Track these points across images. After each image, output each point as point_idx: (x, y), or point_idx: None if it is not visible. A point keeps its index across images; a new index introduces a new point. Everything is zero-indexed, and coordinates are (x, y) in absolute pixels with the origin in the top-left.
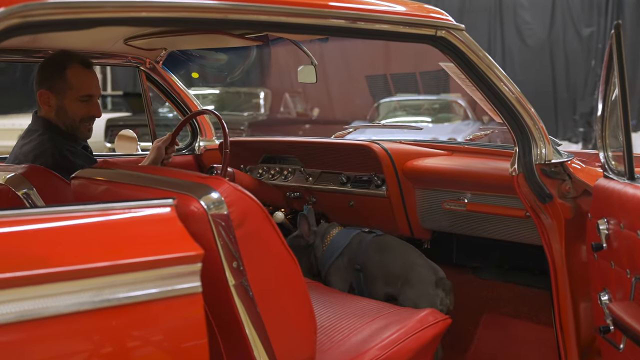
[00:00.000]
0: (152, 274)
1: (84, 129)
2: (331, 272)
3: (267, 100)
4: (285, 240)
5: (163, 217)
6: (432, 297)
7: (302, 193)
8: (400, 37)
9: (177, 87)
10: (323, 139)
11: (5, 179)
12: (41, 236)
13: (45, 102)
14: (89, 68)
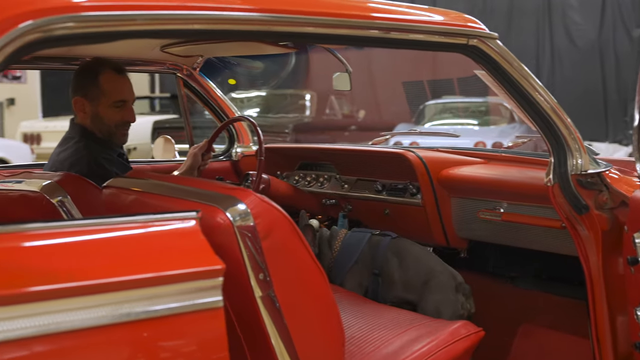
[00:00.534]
0: (173, 288)
1: (120, 134)
2: (348, 278)
3: (313, 103)
4: (309, 247)
5: (186, 231)
6: (453, 302)
7: (337, 200)
8: (432, 47)
9: (214, 94)
10: (358, 146)
11: (40, 186)
12: (60, 250)
13: (80, 109)
14: (121, 74)
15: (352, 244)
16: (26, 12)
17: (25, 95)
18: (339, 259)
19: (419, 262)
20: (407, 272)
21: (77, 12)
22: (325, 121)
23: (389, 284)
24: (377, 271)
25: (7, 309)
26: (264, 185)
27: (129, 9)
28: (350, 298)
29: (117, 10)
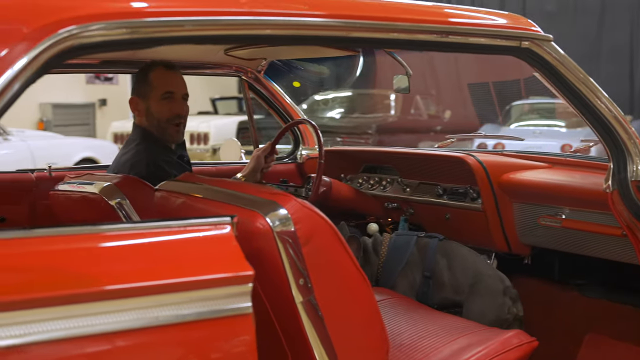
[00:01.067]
0: (202, 293)
1: (172, 130)
2: (399, 281)
3: (397, 102)
4: (352, 253)
5: (219, 236)
6: (499, 305)
7: (399, 204)
8: (483, 50)
9: (279, 96)
10: (420, 150)
11: (99, 188)
12: (91, 254)
13: (135, 108)
14: (171, 69)
15: (399, 247)
16: (66, 18)
17: (116, 96)
18: (388, 263)
19: (467, 264)
20: (456, 273)
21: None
22: (410, 121)
23: (439, 286)
24: (428, 273)
25: (33, 312)
26: (325, 189)
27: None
28: (403, 302)
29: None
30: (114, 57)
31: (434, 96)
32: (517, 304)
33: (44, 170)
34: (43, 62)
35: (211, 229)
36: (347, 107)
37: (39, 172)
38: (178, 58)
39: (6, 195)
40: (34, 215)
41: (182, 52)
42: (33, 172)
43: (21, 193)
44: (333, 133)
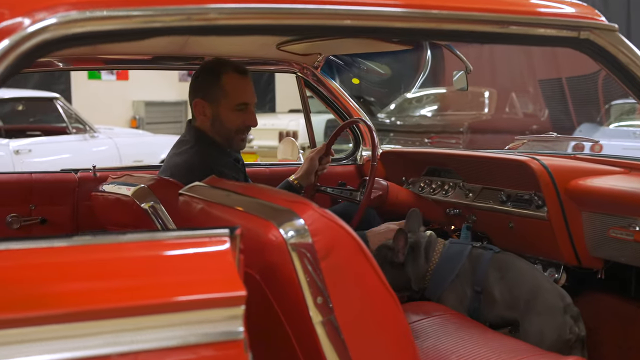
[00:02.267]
0: (185, 316)
1: (239, 139)
2: (447, 296)
3: (492, 100)
4: (380, 270)
5: (212, 251)
6: (560, 324)
7: (462, 210)
8: (538, 41)
9: (337, 93)
10: (483, 152)
11: (132, 191)
12: (60, 271)
13: (200, 112)
14: (244, 75)
15: (451, 257)
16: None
17: None
18: (437, 272)
19: (523, 278)
20: (510, 288)
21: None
22: (504, 120)
23: (491, 302)
24: (478, 288)
25: None
26: (381, 193)
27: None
28: (455, 320)
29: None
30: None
31: (531, 94)
32: (579, 323)
33: (88, 171)
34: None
35: (205, 243)
36: (440, 105)
37: (83, 172)
38: (229, 53)
39: (49, 196)
40: (76, 217)
41: (234, 47)
42: (77, 172)
43: (64, 194)
44: (422, 133)
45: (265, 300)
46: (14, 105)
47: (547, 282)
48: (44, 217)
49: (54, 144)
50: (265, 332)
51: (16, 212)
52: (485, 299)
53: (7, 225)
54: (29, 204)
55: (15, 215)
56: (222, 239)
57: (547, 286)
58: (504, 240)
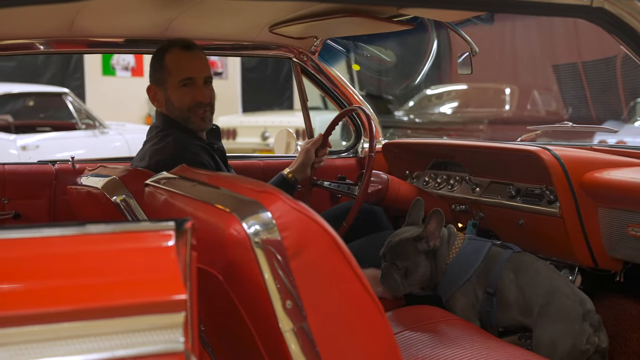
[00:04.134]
0: (114, 324)
1: (196, 118)
2: (459, 297)
3: (513, 97)
4: (360, 269)
5: (151, 248)
6: (577, 333)
7: (468, 206)
8: (549, 10)
9: (335, 81)
10: (490, 143)
11: (102, 184)
12: None
13: (153, 98)
14: (188, 49)
15: (468, 255)
16: None
17: (226, 91)
18: (452, 269)
19: (539, 280)
20: (524, 291)
21: None
22: (525, 117)
23: (505, 306)
24: (491, 290)
25: None
26: (380, 187)
27: None
28: (458, 326)
29: None
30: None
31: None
32: (599, 332)
33: (67, 162)
34: None
35: (144, 238)
36: (461, 101)
37: (61, 164)
38: (214, 36)
39: (24, 188)
40: (53, 212)
41: (219, 29)
42: (54, 163)
43: (40, 187)
44: (440, 130)
45: (230, 303)
46: (23, 101)
47: (566, 285)
48: (17, 212)
49: (62, 139)
50: (231, 335)
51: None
52: (499, 303)
53: None
54: (1, 198)
55: None
56: (167, 234)
57: (566, 290)
58: (513, 239)
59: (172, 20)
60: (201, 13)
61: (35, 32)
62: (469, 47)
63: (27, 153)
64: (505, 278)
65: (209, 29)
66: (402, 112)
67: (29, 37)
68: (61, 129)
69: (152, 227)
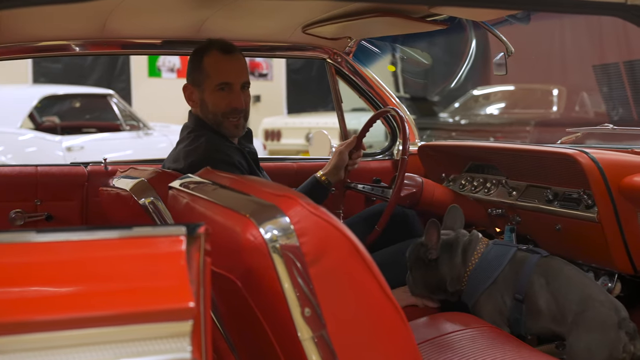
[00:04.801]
0: (115, 333)
1: (229, 124)
2: (482, 302)
3: (560, 98)
4: (381, 275)
5: (161, 254)
6: (613, 342)
7: (505, 210)
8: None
9: (371, 82)
10: (527, 145)
11: (130, 186)
12: None
13: (189, 97)
14: (228, 53)
15: (491, 260)
16: None
17: (271, 93)
18: (475, 275)
19: (572, 286)
20: (556, 298)
21: None
22: (573, 119)
23: (535, 313)
24: (519, 296)
25: None
26: (414, 190)
27: None
28: (490, 334)
29: None
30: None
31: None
32: (635, 341)
33: (100, 164)
34: None
35: (154, 243)
36: (507, 102)
37: (93, 166)
38: (247, 37)
39: (56, 190)
40: (85, 214)
41: (252, 30)
42: (87, 165)
43: (72, 188)
44: (486, 132)
45: (249, 309)
46: (70, 102)
47: (600, 292)
48: (50, 214)
49: (106, 141)
50: (252, 339)
51: (20, 208)
52: (529, 309)
53: (10, 222)
54: (34, 199)
55: (19, 211)
56: (178, 239)
57: (600, 297)
58: (550, 244)
59: (204, 21)
60: (233, 13)
61: (69, 33)
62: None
63: (72, 154)
64: (535, 284)
65: (241, 30)
66: (447, 114)
67: (63, 38)
68: (106, 130)
69: (162, 232)
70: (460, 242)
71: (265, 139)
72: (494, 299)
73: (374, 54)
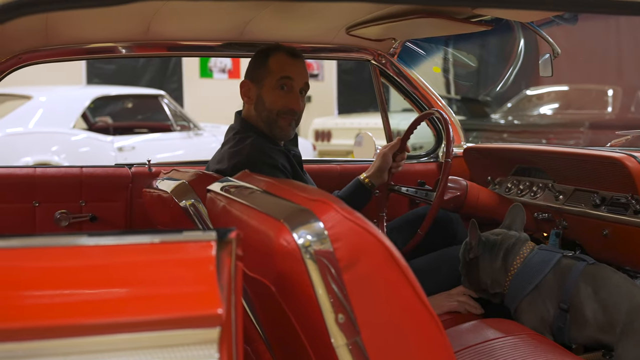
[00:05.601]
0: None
1: (283, 123)
2: (524, 309)
3: (615, 99)
4: (417, 281)
5: (190, 260)
6: None
7: (551, 215)
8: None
9: (416, 84)
10: (574, 149)
11: (171, 187)
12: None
13: (245, 93)
14: (295, 57)
15: (534, 265)
16: None
17: (322, 93)
18: (516, 280)
19: (621, 295)
20: (604, 308)
21: None
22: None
23: (581, 322)
24: (564, 305)
25: None
26: (459, 193)
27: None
28: (532, 341)
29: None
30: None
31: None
32: None
33: (143, 165)
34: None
35: (183, 249)
36: (561, 103)
37: (137, 167)
38: (290, 39)
39: (101, 191)
40: (129, 215)
41: (295, 31)
42: (131, 167)
43: (117, 190)
44: (538, 133)
45: (283, 314)
46: (122, 103)
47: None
48: (94, 215)
49: (157, 141)
50: (287, 344)
51: (65, 209)
52: (574, 318)
53: (56, 223)
54: (79, 200)
55: (64, 212)
56: (208, 244)
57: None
58: (597, 250)
59: (247, 23)
60: (276, 15)
61: (115, 36)
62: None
63: (123, 154)
64: (581, 292)
65: (285, 31)
66: (498, 115)
67: (110, 40)
68: (157, 130)
69: (192, 238)
70: (503, 245)
71: (315, 140)
72: (536, 305)
73: (419, 55)
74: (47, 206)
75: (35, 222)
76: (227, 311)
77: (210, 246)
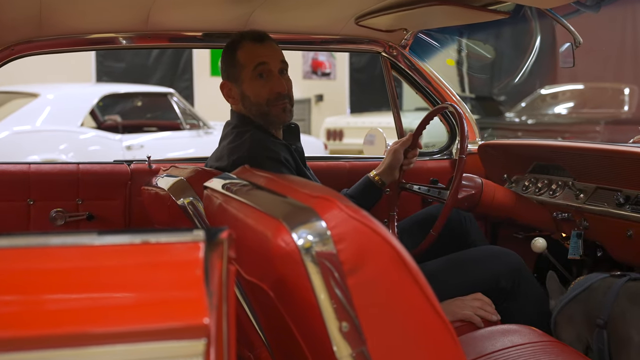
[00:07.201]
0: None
1: (276, 110)
2: (559, 322)
3: (632, 97)
4: (428, 286)
5: (174, 263)
6: None
7: (572, 214)
8: None
9: (429, 77)
10: (596, 144)
11: (169, 185)
12: None
13: (228, 95)
14: (260, 41)
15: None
16: None
17: (333, 92)
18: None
19: None
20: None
21: None
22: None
23: (621, 341)
24: (601, 321)
25: None
26: (473, 192)
27: None
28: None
29: None
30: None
31: None
32: None
33: (143, 162)
34: None
35: (167, 251)
36: (576, 101)
37: (137, 164)
38: (297, 29)
39: (99, 189)
40: (128, 214)
41: (302, 22)
42: (130, 163)
43: (115, 187)
44: (553, 132)
45: (283, 322)
46: (131, 101)
47: None
48: (91, 213)
49: (166, 139)
50: (288, 352)
51: (62, 207)
52: (612, 336)
53: (51, 221)
54: (75, 198)
55: (60, 210)
56: (196, 245)
57: None
58: (621, 252)
59: (250, 14)
60: (281, 5)
61: (114, 26)
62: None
63: (131, 153)
64: (620, 306)
65: (291, 22)
66: (513, 113)
67: (109, 31)
68: (166, 129)
69: (178, 238)
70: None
71: (327, 139)
72: (571, 319)
73: (431, 47)
74: (42, 204)
75: (29, 221)
76: (217, 320)
77: (198, 247)
